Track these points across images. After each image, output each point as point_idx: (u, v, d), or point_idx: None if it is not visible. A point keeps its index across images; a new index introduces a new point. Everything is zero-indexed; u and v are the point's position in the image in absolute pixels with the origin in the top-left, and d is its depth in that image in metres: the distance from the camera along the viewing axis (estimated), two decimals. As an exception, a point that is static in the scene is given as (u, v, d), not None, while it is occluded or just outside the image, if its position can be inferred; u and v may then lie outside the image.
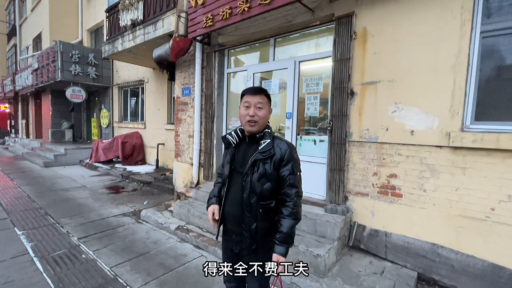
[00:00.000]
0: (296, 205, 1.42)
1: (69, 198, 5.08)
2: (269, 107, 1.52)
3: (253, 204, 1.44)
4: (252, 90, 1.51)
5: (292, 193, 1.41)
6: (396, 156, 2.76)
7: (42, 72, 9.78)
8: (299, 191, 1.45)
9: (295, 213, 1.41)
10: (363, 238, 2.94)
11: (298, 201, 1.43)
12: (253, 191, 1.44)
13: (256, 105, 1.45)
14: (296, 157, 1.48)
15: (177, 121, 5.31)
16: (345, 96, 3.04)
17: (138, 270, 2.66)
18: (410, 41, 2.65)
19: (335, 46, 3.11)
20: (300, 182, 1.47)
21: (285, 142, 1.48)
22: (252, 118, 1.45)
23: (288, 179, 1.42)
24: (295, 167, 1.45)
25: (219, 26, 3.77)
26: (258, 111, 1.45)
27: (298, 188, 1.44)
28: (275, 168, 1.43)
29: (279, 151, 1.44)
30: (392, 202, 2.81)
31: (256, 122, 1.45)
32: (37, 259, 2.83)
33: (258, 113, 1.45)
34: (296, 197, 1.42)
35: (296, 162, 1.47)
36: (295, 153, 1.48)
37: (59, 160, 8.73)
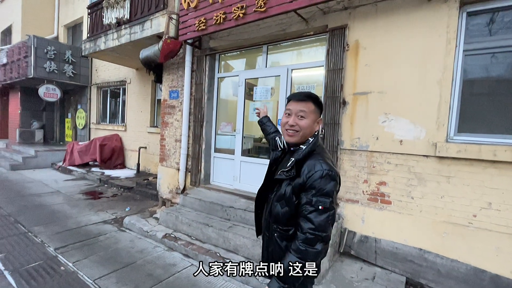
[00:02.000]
0: (307, 243, 1.11)
1: (42, 205, 4.70)
2: (316, 117, 1.29)
3: (271, 225, 1.31)
4: (297, 96, 1.30)
5: (304, 227, 1.12)
6: (386, 164, 2.87)
7: (12, 68, 9.09)
8: (318, 230, 1.11)
9: (302, 252, 1.11)
10: (354, 244, 3.01)
11: (314, 241, 1.11)
12: (271, 211, 1.30)
13: (298, 113, 1.26)
14: (323, 186, 1.13)
15: (163, 124, 5.15)
16: (337, 105, 3.12)
17: (124, 282, 2.51)
18: (400, 55, 2.79)
19: (328, 56, 3.20)
20: (323, 219, 1.12)
21: (319, 163, 1.17)
22: (291, 128, 1.26)
23: (303, 209, 1.15)
24: (317, 198, 1.12)
25: (212, 30, 3.74)
26: (299, 120, 1.25)
27: (315, 225, 1.11)
28: (295, 192, 1.20)
29: (305, 173, 1.18)
30: (381, 208, 2.90)
31: (297, 132, 1.26)
32: (8, 272, 2.57)
33: (300, 122, 1.25)
34: (311, 235, 1.11)
35: (322, 193, 1.13)
36: (324, 180, 1.14)
37: (28, 162, 8.08)
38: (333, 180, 1.16)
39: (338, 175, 1.19)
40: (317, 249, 1.11)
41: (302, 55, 3.76)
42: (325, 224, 1.12)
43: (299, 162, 1.21)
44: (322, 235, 1.11)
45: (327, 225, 1.13)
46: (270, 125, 1.85)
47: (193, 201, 3.98)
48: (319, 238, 1.11)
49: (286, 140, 1.31)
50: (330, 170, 1.15)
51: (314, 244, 1.11)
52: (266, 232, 1.33)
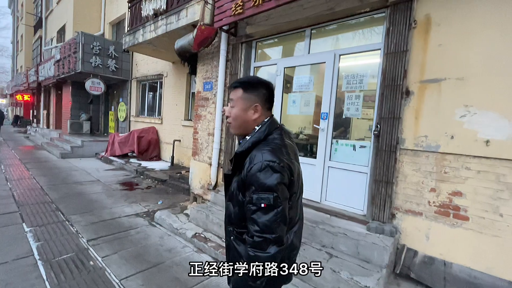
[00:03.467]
0: (256, 248, 0.96)
1: (82, 193, 4.87)
2: (247, 104, 1.12)
3: (227, 227, 1.19)
4: (231, 84, 1.19)
5: (251, 230, 0.98)
6: (463, 170, 2.27)
7: (64, 63, 9.80)
8: (264, 232, 0.95)
9: (252, 258, 0.96)
10: (414, 266, 2.47)
11: (265, 245, 0.96)
12: (226, 212, 1.20)
13: (229, 102, 1.18)
14: (263, 180, 0.96)
15: (196, 117, 4.99)
16: (398, 95, 2.57)
17: (150, 285, 2.32)
18: (488, 30, 2.16)
19: (387, 37, 2.65)
20: (268, 219, 0.95)
21: (261, 154, 1.00)
22: (227, 119, 1.19)
23: (247, 209, 1.00)
24: (258, 196, 0.96)
25: (250, 14, 3.38)
26: (231, 109, 1.16)
27: (260, 226, 0.96)
28: (240, 189, 1.08)
29: (246, 166, 1.03)
30: (454, 225, 2.32)
31: (231, 123, 1.17)
32: (42, 263, 2.55)
33: (231, 111, 1.16)
34: (259, 238, 0.96)
35: (262, 188, 0.96)
36: (264, 174, 0.97)
37: (76, 151, 8.67)
38: (276, 172, 0.98)
39: (286, 166, 1.01)
40: (270, 253, 0.96)
41: (353, 38, 3.23)
42: (271, 225, 0.96)
43: (242, 155, 1.08)
44: (271, 237, 0.96)
45: (275, 225, 0.96)
46: None
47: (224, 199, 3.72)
48: (269, 241, 0.96)
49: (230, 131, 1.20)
50: (272, 161, 0.98)
51: (264, 248, 0.96)
52: (226, 235, 1.20)
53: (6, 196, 4.37)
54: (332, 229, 2.62)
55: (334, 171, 3.23)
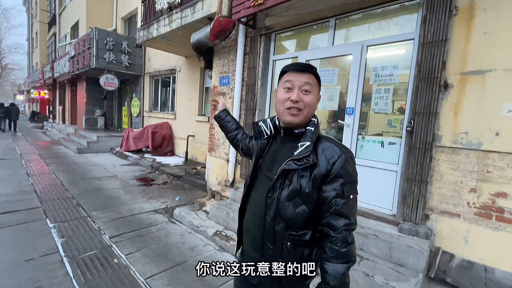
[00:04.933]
0: (346, 242, 0.93)
1: (101, 188, 4.91)
2: (318, 92, 1.05)
3: (279, 233, 1.00)
4: (298, 66, 1.03)
5: (339, 225, 0.94)
6: (509, 169, 2.10)
7: (78, 59, 9.90)
8: (351, 223, 0.95)
9: (345, 254, 0.93)
10: (451, 270, 2.33)
11: (349, 235, 0.94)
12: (280, 215, 0.99)
13: (302, 86, 1.00)
14: (351, 172, 0.96)
15: (213, 112, 4.91)
16: (435, 88, 2.40)
17: (176, 285, 2.28)
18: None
19: (424, 25, 2.46)
20: (353, 209, 0.97)
21: (338, 146, 0.98)
22: (295, 104, 1.00)
23: (334, 204, 0.94)
24: (348, 187, 0.95)
25: (271, 4, 3.23)
26: (304, 95, 1.01)
27: (350, 218, 0.95)
28: (316, 185, 0.96)
29: (324, 160, 0.96)
30: (497, 228, 2.16)
31: (300, 111, 1.01)
32: (67, 260, 2.55)
33: (305, 98, 1.01)
34: (346, 231, 0.94)
35: (351, 179, 0.96)
36: (351, 165, 0.97)
37: (92, 147, 8.80)
38: (355, 163, 1.02)
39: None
40: (353, 242, 0.96)
41: (382, 28, 3.03)
42: (356, 215, 0.99)
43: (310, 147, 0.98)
44: (353, 225, 0.97)
45: (355, 212, 0.99)
46: (231, 121, 1.49)
47: (244, 197, 3.66)
48: (352, 229, 0.97)
49: (288, 120, 1.03)
50: (351, 152, 1.01)
51: (349, 239, 0.95)
52: (269, 244, 1.02)
53: (29, 192, 4.45)
54: (362, 230, 2.50)
55: (360, 169, 3.05)
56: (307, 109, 1.02)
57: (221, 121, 1.51)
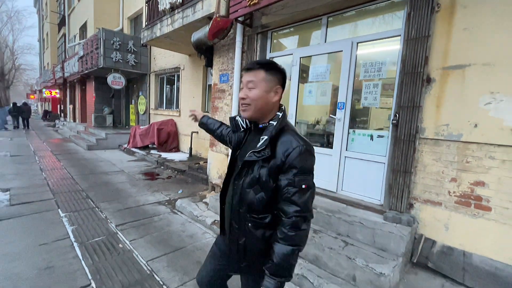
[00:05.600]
0: (295, 227, 1.03)
1: (109, 182, 5.18)
2: (270, 85, 1.12)
3: (242, 215, 1.16)
4: (247, 65, 1.17)
5: (289, 211, 1.04)
6: (487, 159, 2.20)
7: (87, 59, 10.24)
8: (303, 211, 1.04)
9: (292, 238, 1.03)
10: (432, 255, 2.46)
11: (300, 223, 1.04)
12: (242, 200, 1.15)
13: (248, 84, 1.14)
14: (304, 164, 1.05)
15: (213, 109, 5.09)
16: (418, 83, 2.50)
17: (174, 267, 2.49)
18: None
19: (408, 22, 2.56)
20: (306, 199, 1.05)
21: (295, 139, 1.07)
22: (243, 101, 1.15)
23: (286, 191, 1.05)
24: (300, 178, 1.04)
25: (265, 3, 3.36)
26: (249, 91, 1.13)
27: (301, 206, 1.04)
28: (271, 175, 1.08)
29: (280, 152, 1.06)
30: (475, 216, 2.27)
31: (249, 106, 1.13)
32: (77, 244, 2.80)
33: (249, 93, 1.13)
34: (297, 218, 1.03)
35: (303, 171, 1.05)
36: (305, 157, 1.05)
37: (101, 144, 9.14)
38: (312, 156, 1.10)
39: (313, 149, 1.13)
40: (305, 229, 1.06)
41: (371, 25, 3.13)
42: (308, 203, 1.07)
43: (272, 140, 1.09)
44: (307, 214, 1.06)
45: (310, 203, 1.09)
46: (213, 121, 1.67)
47: (242, 189, 3.84)
48: (305, 218, 1.06)
49: (242, 115, 1.20)
50: (308, 145, 1.09)
51: (300, 226, 1.05)
52: (235, 223, 1.18)
53: (42, 185, 4.75)
54: (348, 218, 2.64)
55: (350, 161, 3.22)
56: (254, 103, 1.12)
57: (205, 126, 1.67)
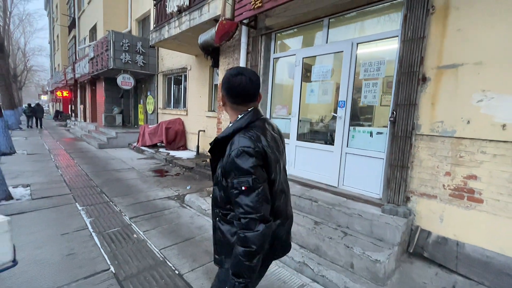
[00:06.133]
0: (245, 229, 1.03)
1: (120, 179, 5.43)
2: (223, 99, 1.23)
3: (213, 210, 1.25)
4: None
5: (237, 213, 1.06)
6: (479, 154, 2.32)
7: (97, 61, 10.56)
8: (249, 213, 1.02)
9: (243, 239, 1.02)
10: (428, 246, 2.59)
11: (251, 224, 1.02)
12: (212, 196, 1.24)
13: None
14: (241, 165, 1.04)
15: (219, 108, 5.28)
16: (414, 82, 2.63)
17: (185, 255, 2.69)
18: (510, 12, 2.13)
19: (405, 23, 2.68)
20: (250, 200, 1.03)
21: (237, 142, 1.07)
22: None
23: (231, 194, 1.08)
24: (238, 180, 1.04)
25: (269, 7, 3.53)
26: None
27: (245, 208, 1.03)
28: (223, 174, 1.13)
29: (227, 153, 1.09)
30: (468, 207, 2.39)
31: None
32: (95, 234, 3.03)
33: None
34: (245, 219, 1.03)
35: (241, 172, 1.04)
36: (241, 159, 1.04)
37: (111, 142, 9.46)
38: (252, 157, 1.04)
39: (261, 150, 1.07)
40: (258, 231, 1.02)
41: (370, 26, 3.26)
42: (255, 205, 1.03)
43: (223, 141, 1.13)
44: (256, 216, 1.02)
45: (258, 204, 1.03)
46: None
47: (247, 184, 4.02)
48: (255, 220, 1.02)
49: None
50: (247, 146, 1.05)
51: (252, 227, 1.02)
52: (212, 217, 1.27)
53: (59, 181, 5.03)
54: (348, 210, 2.79)
55: (351, 157, 3.36)
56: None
57: None
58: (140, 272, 2.37)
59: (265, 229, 1.03)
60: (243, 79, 1.14)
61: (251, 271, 1.05)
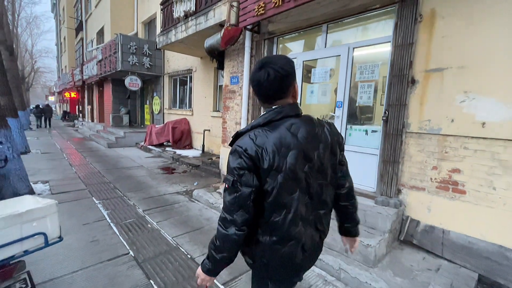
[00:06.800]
0: (220, 221, 1.02)
1: (131, 176, 5.74)
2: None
3: None
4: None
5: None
6: (462, 149, 2.56)
7: (105, 63, 10.91)
8: (224, 209, 1.02)
9: (217, 229, 1.04)
10: (417, 234, 2.83)
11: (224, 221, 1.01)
12: None
13: None
14: (230, 163, 1.01)
15: (224, 108, 5.55)
16: (404, 84, 2.87)
17: (195, 242, 2.97)
18: (490, 21, 2.37)
19: (396, 30, 2.92)
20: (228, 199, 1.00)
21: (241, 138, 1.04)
22: None
23: None
24: (226, 176, 1.03)
25: (271, 14, 3.78)
26: None
27: (224, 203, 1.02)
28: None
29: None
30: (453, 198, 2.63)
31: None
32: (113, 224, 3.32)
33: None
34: (222, 214, 1.02)
35: (228, 170, 1.02)
36: (232, 157, 1.01)
37: (119, 142, 9.80)
38: (239, 158, 0.98)
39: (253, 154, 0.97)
40: (227, 232, 0.99)
41: (366, 32, 3.50)
42: (230, 206, 0.99)
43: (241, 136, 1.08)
44: (228, 217, 0.99)
45: (232, 208, 0.98)
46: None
47: (251, 180, 4.29)
48: (228, 220, 0.99)
49: None
50: (240, 146, 0.98)
51: (225, 226, 1.00)
52: None
53: (75, 178, 5.36)
54: (344, 202, 3.04)
55: (348, 154, 3.56)
56: None
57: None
58: (157, 256, 2.66)
59: (235, 235, 0.99)
60: (261, 75, 1.02)
61: (214, 260, 1.04)
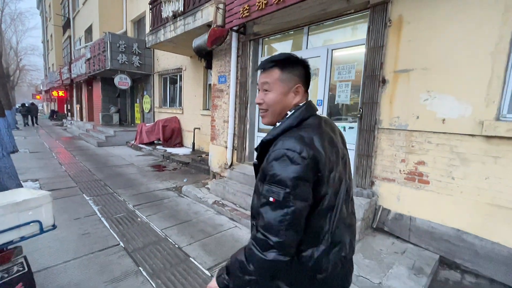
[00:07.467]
0: (256, 244, 0.84)
1: (121, 173, 5.84)
2: (287, 86, 0.95)
3: (250, 221, 1.05)
4: (261, 65, 0.99)
5: (258, 224, 0.86)
6: (426, 143, 2.81)
7: (94, 61, 10.86)
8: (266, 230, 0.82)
9: (247, 252, 0.86)
10: (388, 221, 3.09)
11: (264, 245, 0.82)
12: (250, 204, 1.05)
13: (263, 86, 0.98)
14: (277, 171, 0.83)
15: (213, 107, 5.71)
16: (376, 84, 3.10)
17: (183, 233, 3.14)
18: (448, 28, 2.62)
19: (368, 33, 3.15)
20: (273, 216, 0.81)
21: (283, 141, 0.87)
22: (261, 106, 1.00)
23: (259, 200, 0.90)
24: (268, 187, 0.84)
25: (255, 16, 3.96)
26: (265, 95, 0.98)
27: (265, 222, 0.83)
28: (261, 179, 0.93)
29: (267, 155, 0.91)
30: (418, 188, 2.89)
31: (267, 111, 0.99)
32: (104, 219, 3.46)
33: (265, 98, 0.97)
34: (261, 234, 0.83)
35: (275, 179, 0.83)
36: (280, 163, 0.83)
37: (109, 140, 9.82)
38: (295, 164, 0.81)
39: (312, 157, 0.83)
40: (265, 257, 0.81)
41: (343, 35, 3.72)
42: (276, 225, 0.80)
43: (270, 143, 0.93)
44: (272, 239, 0.80)
45: (281, 227, 0.80)
46: None
47: (238, 175, 4.48)
48: (269, 244, 0.81)
49: (262, 122, 1.04)
50: (292, 150, 0.82)
51: (263, 249, 0.81)
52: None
53: (65, 176, 5.43)
54: (322, 194, 3.27)
55: (328, 149, 3.83)
56: (271, 108, 0.97)
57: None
58: (146, 246, 2.82)
59: (274, 261, 0.81)
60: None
61: (240, 281, 0.88)
